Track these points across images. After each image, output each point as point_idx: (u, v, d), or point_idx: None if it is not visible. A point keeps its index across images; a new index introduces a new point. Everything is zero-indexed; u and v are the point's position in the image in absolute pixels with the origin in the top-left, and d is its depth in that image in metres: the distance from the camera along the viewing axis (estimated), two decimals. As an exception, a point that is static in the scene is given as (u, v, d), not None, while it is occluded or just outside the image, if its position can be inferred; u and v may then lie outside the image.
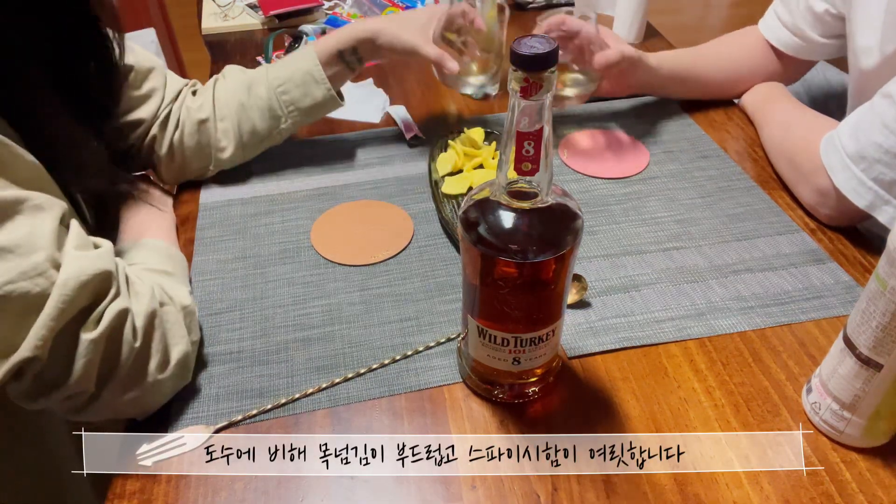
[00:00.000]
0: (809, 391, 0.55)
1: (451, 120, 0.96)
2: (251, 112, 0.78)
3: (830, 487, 0.51)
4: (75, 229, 0.51)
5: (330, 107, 0.81)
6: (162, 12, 2.07)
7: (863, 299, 0.48)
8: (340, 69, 0.80)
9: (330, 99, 0.80)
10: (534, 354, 0.53)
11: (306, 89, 0.78)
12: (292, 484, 0.52)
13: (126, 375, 0.52)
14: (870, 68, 0.75)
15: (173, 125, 0.77)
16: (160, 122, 0.76)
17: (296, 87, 0.78)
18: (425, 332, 0.63)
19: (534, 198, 0.46)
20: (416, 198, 0.80)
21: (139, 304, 0.53)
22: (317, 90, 0.79)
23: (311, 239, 0.74)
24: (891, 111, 0.64)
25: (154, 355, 0.53)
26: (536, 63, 0.40)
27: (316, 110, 0.81)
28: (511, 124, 0.43)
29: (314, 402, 0.58)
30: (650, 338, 0.62)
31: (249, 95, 0.78)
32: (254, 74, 0.80)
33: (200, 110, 0.77)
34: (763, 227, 0.75)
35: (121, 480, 0.52)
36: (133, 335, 0.51)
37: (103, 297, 0.50)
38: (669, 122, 0.93)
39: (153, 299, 0.54)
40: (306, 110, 0.80)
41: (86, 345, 0.48)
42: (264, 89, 0.78)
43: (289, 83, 0.78)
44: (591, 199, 0.80)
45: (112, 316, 0.50)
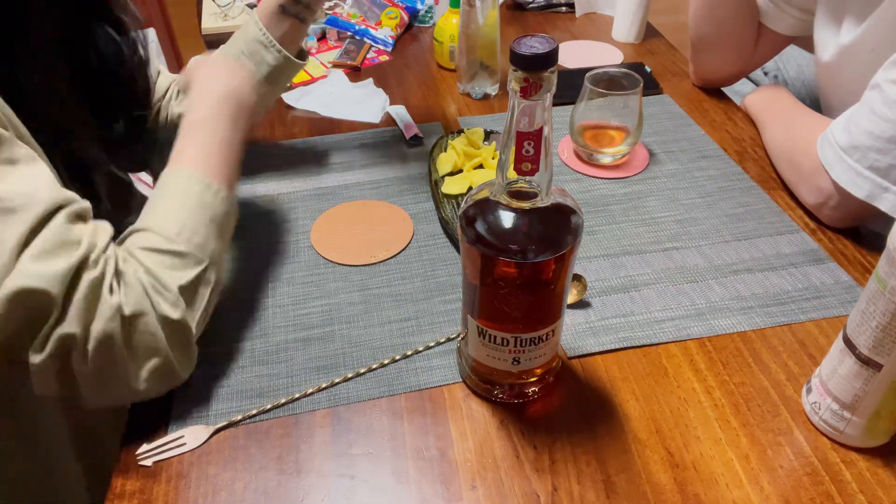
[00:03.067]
0: (809, 391, 0.55)
1: (451, 120, 0.96)
2: None
3: (830, 487, 0.51)
4: (53, 228, 0.47)
5: (289, 69, 0.77)
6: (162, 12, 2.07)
7: (863, 299, 0.48)
8: (289, 26, 0.75)
9: (284, 61, 0.76)
10: (534, 354, 0.53)
11: (258, 57, 0.75)
12: (292, 484, 0.52)
13: (91, 392, 0.49)
14: (828, 60, 0.77)
15: (163, 121, 0.77)
16: (153, 118, 0.76)
17: (247, 58, 0.75)
18: (425, 332, 0.63)
19: (534, 198, 0.46)
20: (416, 198, 0.80)
21: (97, 322, 0.47)
22: (268, 55, 0.75)
23: (311, 239, 0.74)
24: (879, 99, 0.64)
25: (113, 375, 0.49)
26: (536, 63, 0.40)
27: (276, 76, 0.76)
28: (511, 124, 0.43)
29: (314, 402, 0.58)
30: (650, 338, 0.62)
31: None
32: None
33: (180, 104, 0.77)
34: (763, 227, 0.75)
35: (120, 480, 0.52)
36: (83, 360, 0.47)
37: (44, 320, 0.46)
38: (669, 122, 0.93)
39: (115, 315, 0.48)
40: (266, 78, 0.76)
41: (35, 366, 0.46)
42: None
43: (240, 56, 0.75)
44: (591, 199, 0.80)
45: (54, 343, 0.46)
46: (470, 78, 0.99)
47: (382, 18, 1.19)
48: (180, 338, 0.52)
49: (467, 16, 0.94)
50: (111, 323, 0.48)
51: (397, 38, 1.18)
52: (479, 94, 1.00)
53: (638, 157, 0.86)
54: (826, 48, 0.77)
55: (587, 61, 1.05)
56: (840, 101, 0.70)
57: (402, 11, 1.20)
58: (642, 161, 0.85)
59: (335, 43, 1.16)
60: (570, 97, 0.85)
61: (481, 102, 1.00)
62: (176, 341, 0.52)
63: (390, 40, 1.15)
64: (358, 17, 1.19)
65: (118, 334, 0.48)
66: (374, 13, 1.20)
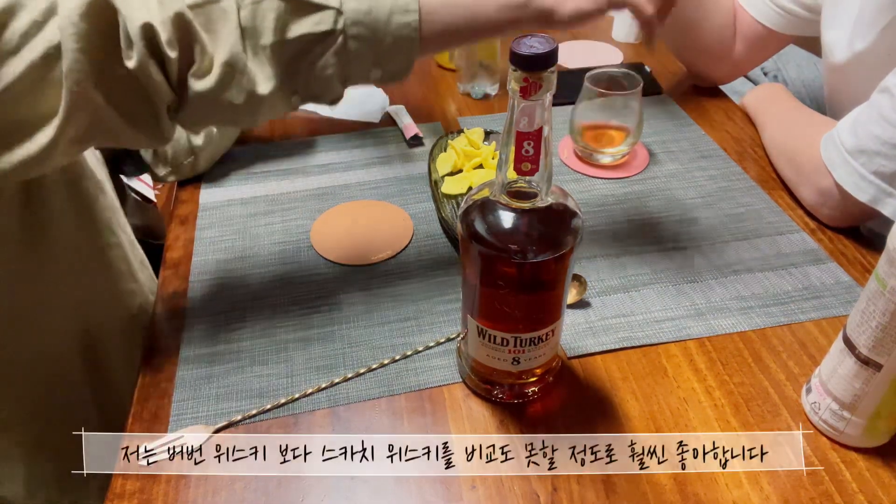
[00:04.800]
0: (809, 391, 0.55)
1: (450, 120, 0.96)
2: None
3: (830, 487, 0.51)
4: None
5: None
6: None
7: (862, 299, 0.48)
8: None
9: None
10: (533, 354, 0.53)
11: None
12: (292, 484, 0.52)
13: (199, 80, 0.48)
14: (839, 63, 0.76)
15: None
16: None
17: None
18: (425, 332, 0.63)
19: (533, 198, 0.46)
20: (416, 198, 0.80)
21: (161, 10, 0.46)
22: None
23: (311, 239, 0.74)
24: (889, 104, 0.64)
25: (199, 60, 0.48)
26: (536, 63, 0.40)
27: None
28: (511, 124, 0.43)
29: (314, 402, 0.58)
30: (650, 338, 0.62)
31: None
32: None
33: None
34: (763, 227, 0.75)
35: (120, 480, 0.52)
36: (170, 46, 0.46)
37: (115, 19, 0.45)
38: (669, 122, 0.93)
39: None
40: None
41: (129, 74, 0.46)
42: None
43: None
44: (591, 199, 0.80)
45: (137, 35, 0.45)
46: (470, 78, 0.99)
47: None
48: None
49: (467, 16, 0.93)
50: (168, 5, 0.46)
51: (397, 38, 1.17)
52: (479, 94, 1.00)
53: (638, 157, 0.86)
54: (838, 50, 0.76)
55: (587, 61, 1.05)
56: (851, 103, 0.70)
57: None
58: (642, 161, 0.85)
59: (335, 43, 1.16)
60: (570, 97, 0.85)
61: (481, 102, 1.00)
62: None
63: (390, 40, 1.15)
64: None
65: (189, 13, 0.47)
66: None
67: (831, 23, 0.78)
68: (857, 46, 0.73)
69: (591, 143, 0.84)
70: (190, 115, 0.51)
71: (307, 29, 0.49)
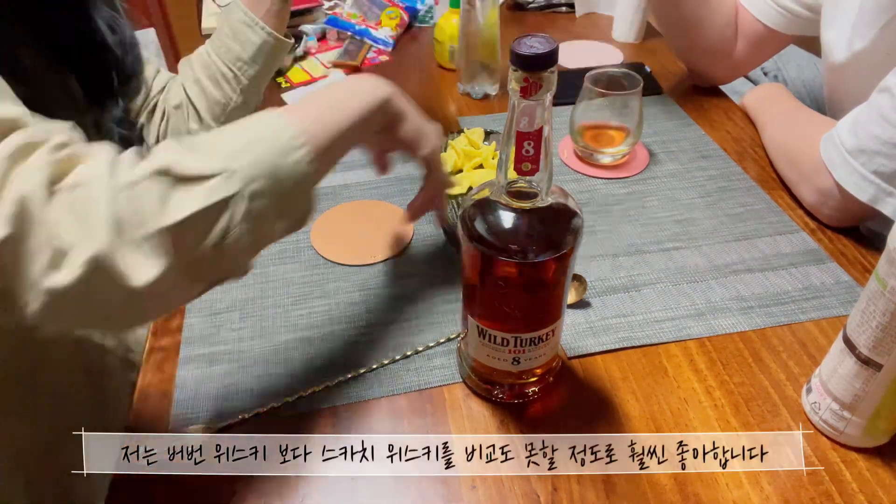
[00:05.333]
0: (809, 391, 0.55)
1: (451, 120, 0.96)
2: (204, 84, 0.76)
3: (830, 487, 0.51)
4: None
5: (277, 49, 0.77)
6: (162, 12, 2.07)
7: (863, 299, 0.48)
8: (271, 3, 0.75)
9: (268, 39, 0.75)
10: (534, 354, 0.53)
11: (242, 38, 0.74)
12: (292, 484, 0.52)
13: None
14: (839, 63, 0.76)
15: (159, 116, 0.77)
16: (148, 112, 0.77)
17: (232, 40, 0.75)
18: (425, 332, 0.63)
19: (534, 198, 0.46)
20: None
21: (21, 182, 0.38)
22: (253, 35, 0.74)
23: (311, 239, 0.74)
24: (889, 104, 0.64)
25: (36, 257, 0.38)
26: (536, 63, 0.40)
27: (261, 56, 0.76)
28: (511, 124, 0.43)
29: (314, 401, 0.58)
30: (650, 338, 0.62)
31: (202, 68, 0.77)
32: (204, 47, 0.78)
33: (176, 96, 0.77)
34: (763, 227, 0.75)
35: (121, 480, 0.52)
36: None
37: None
38: (669, 122, 0.93)
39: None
40: (252, 59, 0.75)
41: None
42: (210, 57, 0.77)
43: (226, 40, 0.75)
44: (591, 199, 0.80)
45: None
46: (470, 78, 0.99)
47: (382, 18, 1.19)
48: None
49: (467, 16, 0.94)
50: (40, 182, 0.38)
51: (397, 38, 1.18)
52: (479, 94, 1.00)
53: (638, 157, 0.86)
54: (837, 50, 0.76)
55: (587, 61, 1.05)
56: (851, 103, 0.70)
57: (402, 11, 1.20)
58: (642, 161, 0.85)
59: (335, 43, 1.16)
60: (570, 97, 0.85)
61: (481, 102, 1.00)
62: None
63: (390, 40, 1.15)
64: (358, 17, 1.19)
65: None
66: (374, 13, 1.20)
67: (831, 22, 0.78)
68: (856, 46, 0.73)
69: (591, 143, 0.84)
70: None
71: (201, 203, 0.40)
